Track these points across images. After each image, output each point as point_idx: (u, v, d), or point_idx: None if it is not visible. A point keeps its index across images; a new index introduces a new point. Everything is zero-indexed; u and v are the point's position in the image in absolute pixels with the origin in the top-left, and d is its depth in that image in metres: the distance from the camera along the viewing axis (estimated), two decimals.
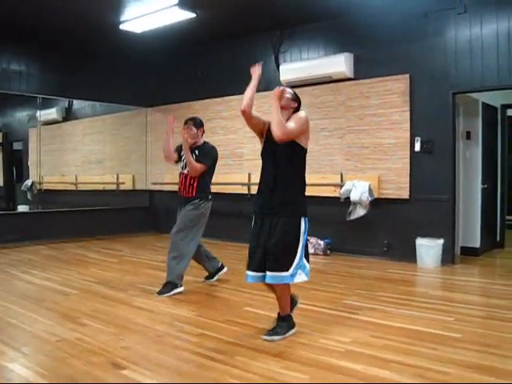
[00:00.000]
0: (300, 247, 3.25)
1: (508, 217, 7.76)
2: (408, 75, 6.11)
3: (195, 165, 4.53)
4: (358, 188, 6.22)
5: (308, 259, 3.35)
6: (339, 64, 6.48)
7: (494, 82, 5.55)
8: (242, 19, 6.86)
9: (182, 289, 4.52)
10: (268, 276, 3.21)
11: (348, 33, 6.64)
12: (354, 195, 6.22)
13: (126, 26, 6.85)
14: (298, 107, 3.41)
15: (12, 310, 3.96)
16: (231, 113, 7.81)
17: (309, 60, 6.96)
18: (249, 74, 3.38)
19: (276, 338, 3.23)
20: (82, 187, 9.17)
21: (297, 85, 6.56)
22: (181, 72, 8.63)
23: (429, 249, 5.81)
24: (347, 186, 6.36)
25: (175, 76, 8.71)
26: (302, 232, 3.26)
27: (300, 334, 3.34)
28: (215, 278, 5.02)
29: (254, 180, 7.33)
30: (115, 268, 5.82)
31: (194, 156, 4.58)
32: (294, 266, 3.21)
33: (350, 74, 6.53)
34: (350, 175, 6.53)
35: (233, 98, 7.62)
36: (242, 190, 7.58)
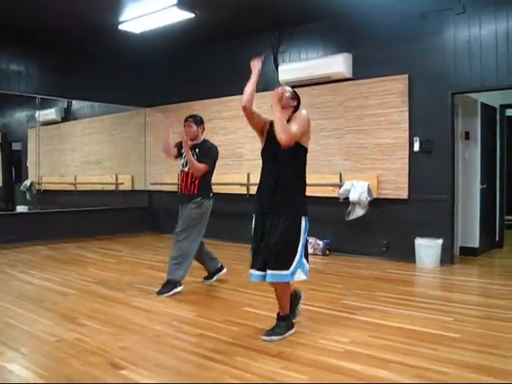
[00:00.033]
0: (300, 246, 3.26)
1: (507, 217, 7.76)
2: (407, 75, 6.11)
3: (198, 166, 4.53)
4: (356, 188, 6.23)
5: (307, 259, 3.35)
6: (338, 64, 6.48)
7: (493, 82, 5.56)
8: (240, 19, 6.86)
9: (181, 288, 4.52)
10: (269, 275, 3.22)
11: (347, 33, 6.64)
12: (353, 195, 6.23)
13: (124, 26, 6.86)
14: (297, 105, 3.41)
15: (11, 310, 3.96)
16: (230, 113, 7.81)
17: (308, 60, 6.97)
18: (248, 75, 3.36)
19: (275, 339, 3.23)
20: (81, 187, 9.17)
21: (296, 85, 6.51)
22: (180, 72, 8.63)
23: (428, 249, 5.82)
24: (346, 186, 6.37)
25: (174, 76, 8.71)
26: (302, 231, 3.27)
27: (299, 334, 3.34)
28: (214, 279, 5.02)
29: (253, 180, 7.33)
30: (114, 268, 5.82)
31: (195, 155, 4.58)
32: (295, 264, 3.22)
33: (348, 74, 6.53)
34: (348, 175, 6.53)
35: (232, 98, 7.62)
36: (241, 190, 7.58)
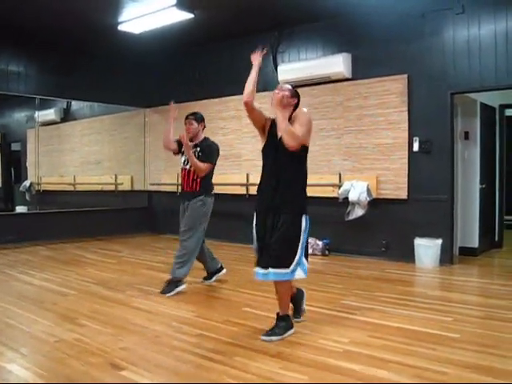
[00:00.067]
0: (300, 244, 3.27)
1: (506, 217, 7.76)
2: (406, 75, 6.12)
3: (201, 166, 4.55)
4: (356, 188, 6.23)
5: (307, 258, 3.37)
6: (337, 64, 6.48)
7: (492, 82, 5.56)
8: (239, 20, 6.86)
9: (184, 286, 4.57)
10: (271, 273, 3.24)
11: (346, 33, 6.64)
12: (353, 195, 6.23)
13: (124, 26, 6.86)
14: (297, 103, 3.41)
15: (10, 310, 3.95)
16: (230, 113, 7.82)
17: (307, 60, 6.97)
18: (247, 75, 3.37)
19: (274, 339, 3.23)
20: (80, 188, 9.17)
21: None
22: (179, 73, 8.63)
23: (427, 249, 5.82)
24: (345, 187, 6.37)
25: (173, 77, 8.71)
26: (302, 229, 3.28)
27: (298, 335, 3.34)
28: (213, 279, 5.02)
29: (252, 180, 7.33)
30: (113, 269, 5.82)
31: (196, 153, 4.59)
32: (295, 262, 3.24)
33: (348, 74, 6.53)
34: (348, 175, 6.53)
35: (231, 98, 7.62)
36: (241, 190, 7.58)
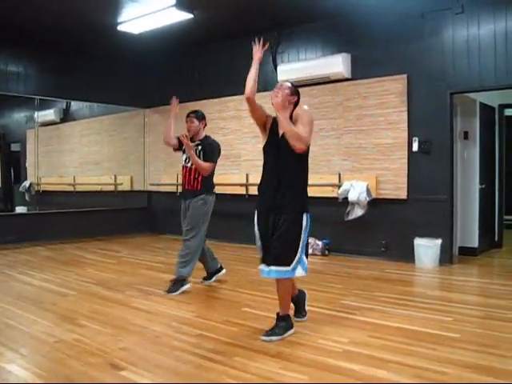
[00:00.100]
0: (301, 243, 3.28)
1: (506, 216, 7.76)
2: (405, 75, 6.12)
3: (203, 165, 4.56)
4: (355, 188, 6.23)
5: (307, 256, 3.39)
6: (337, 64, 6.48)
7: (492, 81, 5.56)
8: (239, 20, 6.86)
9: (189, 285, 4.62)
10: (273, 270, 3.25)
11: (345, 33, 6.64)
12: (352, 195, 6.23)
13: (123, 26, 6.85)
14: (297, 100, 3.42)
15: (10, 311, 3.95)
16: (230, 113, 7.82)
17: (306, 60, 6.97)
18: (247, 75, 3.36)
19: (274, 339, 3.23)
20: (79, 188, 9.17)
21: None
22: (179, 73, 8.63)
23: (427, 249, 5.82)
24: (345, 187, 6.36)
25: (173, 77, 8.71)
26: (303, 228, 3.29)
27: (298, 335, 3.34)
28: (213, 279, 5.03)
29: (252, 180, 7.33)
30: (113, 269, 5.81)
31: (197, 152, 4.59)
32: (296, 260, 3.25)
33: (347, 74, 6.53)
34: (347, 175, 6.53)
35: (231, 98, 7.63)
36: (240, 190, 7.57)
